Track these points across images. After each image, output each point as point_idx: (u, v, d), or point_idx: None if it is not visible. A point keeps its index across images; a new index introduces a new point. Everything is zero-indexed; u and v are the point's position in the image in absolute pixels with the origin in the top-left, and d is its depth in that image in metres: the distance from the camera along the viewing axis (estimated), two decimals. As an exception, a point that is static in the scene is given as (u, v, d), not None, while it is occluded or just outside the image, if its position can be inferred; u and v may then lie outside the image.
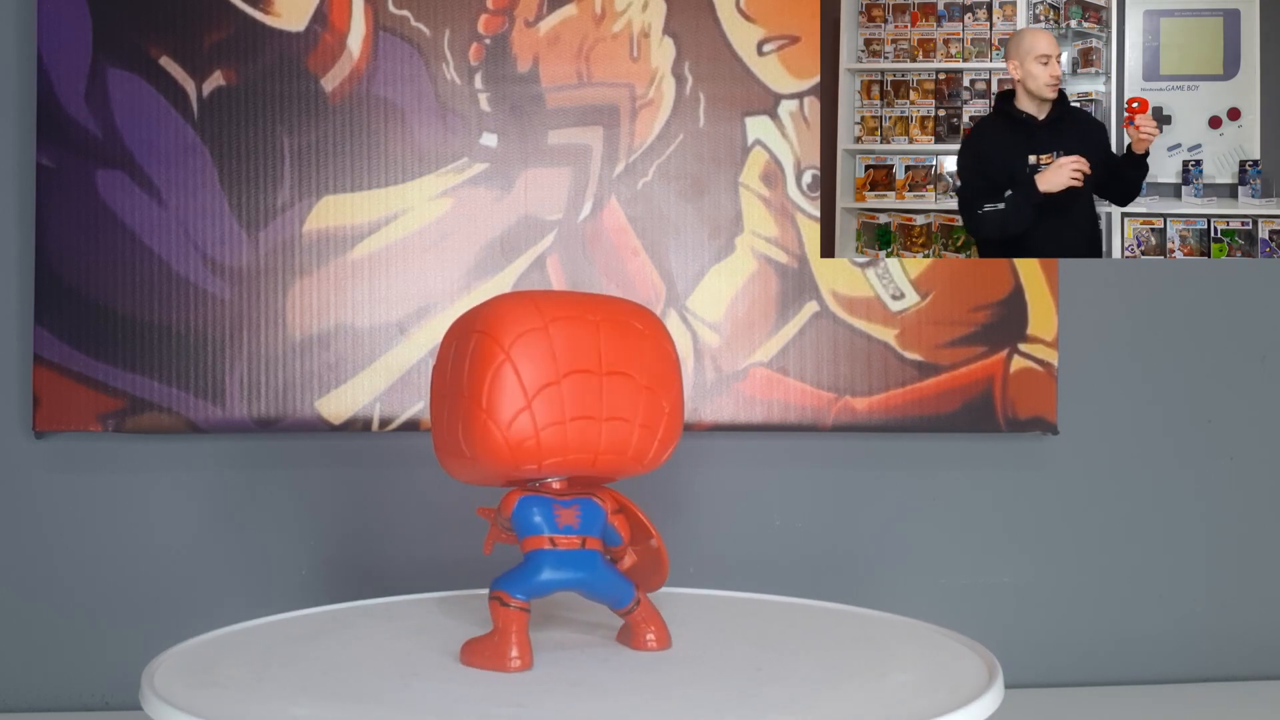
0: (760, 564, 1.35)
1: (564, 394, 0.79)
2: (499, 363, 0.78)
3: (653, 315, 0.85)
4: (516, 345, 0.78)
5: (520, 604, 0.80)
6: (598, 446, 0.80)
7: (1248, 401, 1.43)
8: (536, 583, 0.80)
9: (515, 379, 0.78)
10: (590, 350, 0.80)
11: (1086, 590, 1.40)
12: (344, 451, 1.31)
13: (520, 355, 0.78)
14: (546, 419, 0.79)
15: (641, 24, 1.31)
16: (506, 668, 0.79)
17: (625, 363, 0.81)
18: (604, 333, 0.81)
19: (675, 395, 0.84)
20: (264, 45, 1.27)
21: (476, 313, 0.82)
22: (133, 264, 1.25)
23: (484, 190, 1.29)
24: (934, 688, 0.78)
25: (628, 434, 0.81)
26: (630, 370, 0.81)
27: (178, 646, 0.88)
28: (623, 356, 0.81)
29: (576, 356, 0.80)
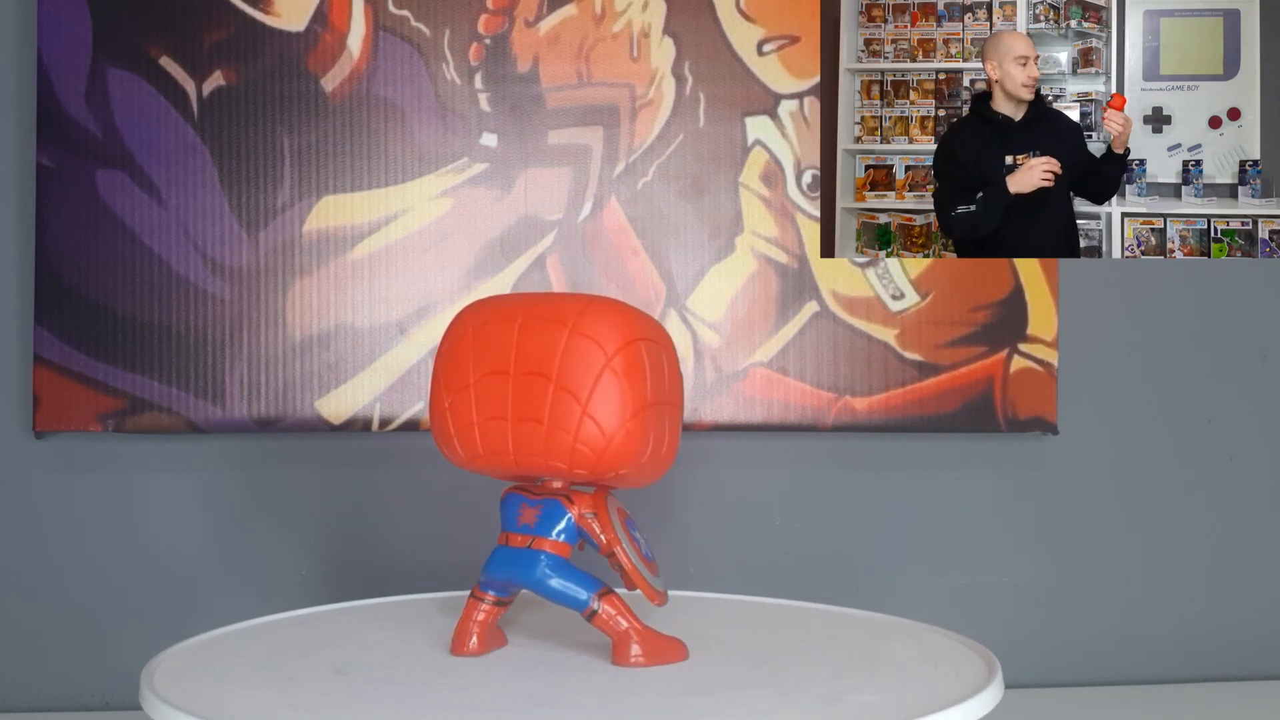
0: (760, 564, 1.35)
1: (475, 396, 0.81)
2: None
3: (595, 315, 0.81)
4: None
5: (478, 592, 0.85)
6: (508, 447, 0.81)
7: (1248, 401, 1.43)
8: (485, 576, 0.84)
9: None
10: (505, 352, 0.81)
11: (1086, 590, 1.40)
12: (344, 451, 1.31)
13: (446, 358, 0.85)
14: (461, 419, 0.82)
15: (641, 24, 1.31)
16: (452, 650, 0.85)
17: (543, 364, 0.80)
18: (521, 334, 0.81)
19: (589, 396, 0.79)
20: (264, 45, 1.27)
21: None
22: (133, 264, 1.26)
23: (484, 190, 1.29)
24: (933, 687, 0.78)
25: (535, 434, 0.80)
26: (546, 371, 0.80)
27: (178, 646, 0.88)
28: (540, 357, 0.80)
29: (493, 358, 0.81)
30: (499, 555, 0.83)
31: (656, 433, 0.81)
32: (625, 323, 0.81)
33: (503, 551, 0.83)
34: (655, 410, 0.81)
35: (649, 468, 0.82)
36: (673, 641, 0.84)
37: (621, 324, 0.81)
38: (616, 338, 0.80)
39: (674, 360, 0.85)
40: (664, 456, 0.83)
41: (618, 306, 0.82)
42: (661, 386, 0.82)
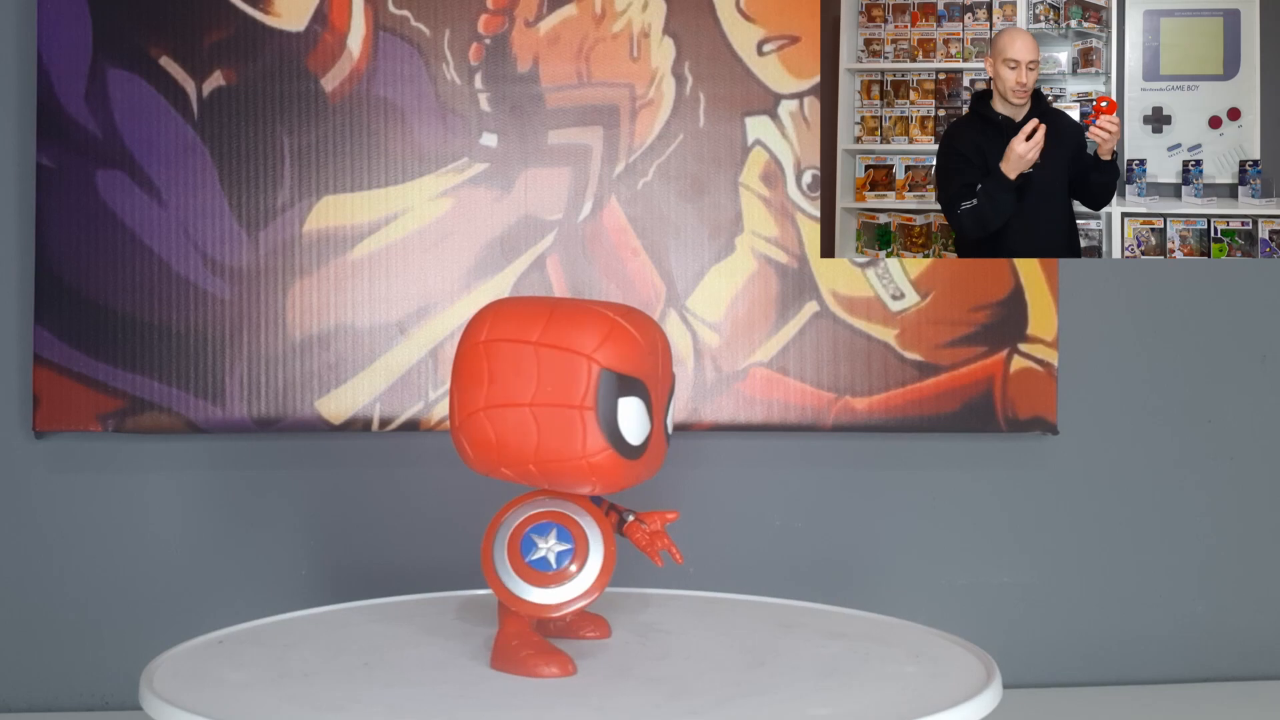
0: (760, 564, 1.35)
1: None
2: None
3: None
4: None
5: None
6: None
7: (1248, 401, 1.43)
8: None
9: None
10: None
11: (1087, 590, 1.40)
12: (344, 451, 1.31)
13: None
14: None
15: (641, 24, 1.31)
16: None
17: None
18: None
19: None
20: (264, 45, 1.27)
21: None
22: (133, 264, 1.26)
23: (484, 190, 1.29)
24: (932, 688, 0.78)
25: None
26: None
27: (177, 646, 0.88)
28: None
29: None
30: None
31: (514, 434, 0.79)
32: (472, 320, 0.82)
33: None
34: (499, 412, 0.80)
35: (513, 469, 0.81)
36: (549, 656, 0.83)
37: (472, 321, 0.82)
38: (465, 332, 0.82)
39: (558, 361, 0.80)
40: (532, 457, 0.80)
41: (502, 304, 0.83)
42: (513, 388, 0.80)
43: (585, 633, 0.89)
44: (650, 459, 0.82)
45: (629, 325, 0.80)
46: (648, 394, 0.80)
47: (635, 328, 0.81)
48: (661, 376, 0.83)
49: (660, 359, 0.83)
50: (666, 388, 0.84)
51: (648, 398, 0.80)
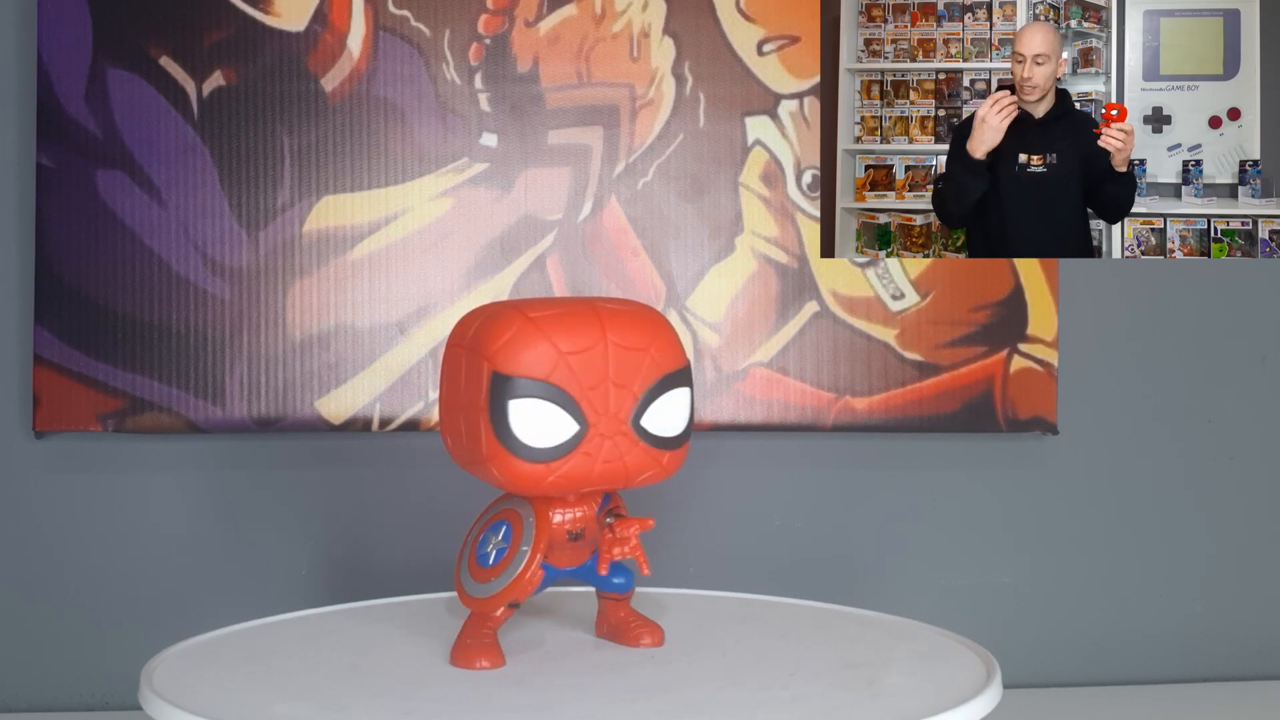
0: (760, 564, 1.35)
1: None
2: None
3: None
4: None
5: None
6: None
7: (1248, 401, 1.43)
8: None
9: None
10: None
11: (1086, 590, 1.40)
12: (344, 451, 1.31)
13: None
14: None
15: (641, 24, 1.31)
16: None
17: None
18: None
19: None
20: (264, 45, 1.27)
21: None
22: (133, 264, 1.25)
23: (484, 190, 1.29)
24: (932, 688, 0.78)
25: None
26: None
27: (177, 646, 0.88)
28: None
29: None
30: None
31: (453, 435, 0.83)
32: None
33: None
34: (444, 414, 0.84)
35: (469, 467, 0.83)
36: None
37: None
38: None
39: (472, 364, 0.81)
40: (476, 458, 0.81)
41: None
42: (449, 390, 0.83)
43: (642, 641, 0.88)
44: (583, 461, 0.79)
45: (548, 326, 0.79)
46: (564, 397, 0.78)
47: (563, 329, 0.79)
48: (616, 378, 0.80)
49: (611, 362, 0.80)
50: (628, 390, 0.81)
51: (564, 401, 0.78)
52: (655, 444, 0.81)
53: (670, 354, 0.82)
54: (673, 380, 0.82)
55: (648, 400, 0.80)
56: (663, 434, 0.81)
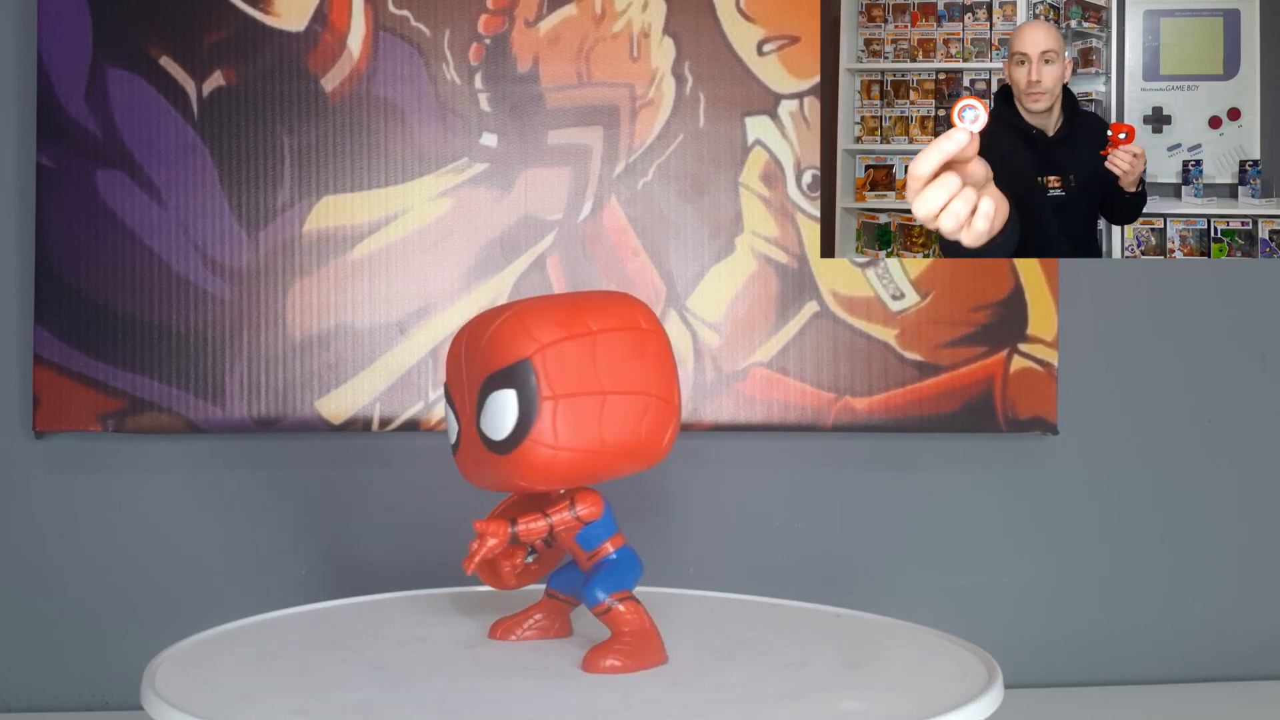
0: (760, 564, 1.35)
1: None
2: None
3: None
4: None
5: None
6: None
7: (1248, 401, 1.43)
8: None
9: None
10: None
11: (1087, 590, 1.40)
12: (344, 451, 1.31)
13: None
14: None
15: (641, 24, 1.31)
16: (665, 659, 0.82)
17: None
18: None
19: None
20: (264, 45, 1.27)
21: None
22: (133, 264, 1.26)
23: (484, 190, 1.29)
24: (933, 689, 0.78)
25: None
26: None
27: (178, 645, 0.88)
28: None
29: None
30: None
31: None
32: None
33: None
34: None
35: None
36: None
37: None
38: None
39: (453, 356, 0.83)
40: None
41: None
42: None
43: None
44: (462, 458, 0.82)
45: (464, 332, 0.82)
46: (450, 397, 0.82)
47: (466, 334, 0.82)
48: (468, 375, 0.79)
49: (464, 360, 0.80)
50: (472, 386, 0.79)
51: (450, 401, 0.82)
52: (491, 448, 0.78)
53: (500, 350, 0.77)
54: (499, 380, 0.76)
55: (480, 401, 0.78)
56: (494, 436, 0.77)
